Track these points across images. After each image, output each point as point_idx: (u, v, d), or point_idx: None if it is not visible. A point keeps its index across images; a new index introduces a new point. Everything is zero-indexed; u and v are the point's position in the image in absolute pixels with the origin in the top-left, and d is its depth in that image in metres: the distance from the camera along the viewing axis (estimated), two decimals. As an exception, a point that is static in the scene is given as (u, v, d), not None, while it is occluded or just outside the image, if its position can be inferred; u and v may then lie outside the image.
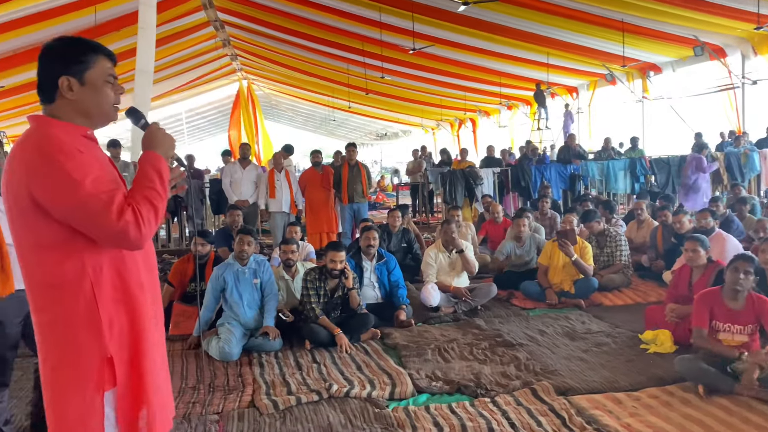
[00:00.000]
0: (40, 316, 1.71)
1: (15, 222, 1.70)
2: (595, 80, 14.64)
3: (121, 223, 1.61)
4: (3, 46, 10.71)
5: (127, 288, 1.75)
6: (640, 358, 4.02)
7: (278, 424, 3.26)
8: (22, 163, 1.64)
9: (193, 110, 27.13)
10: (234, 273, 4.69)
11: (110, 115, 1.83)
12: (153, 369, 1.80)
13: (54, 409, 1.72)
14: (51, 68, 1.73)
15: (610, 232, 6.30)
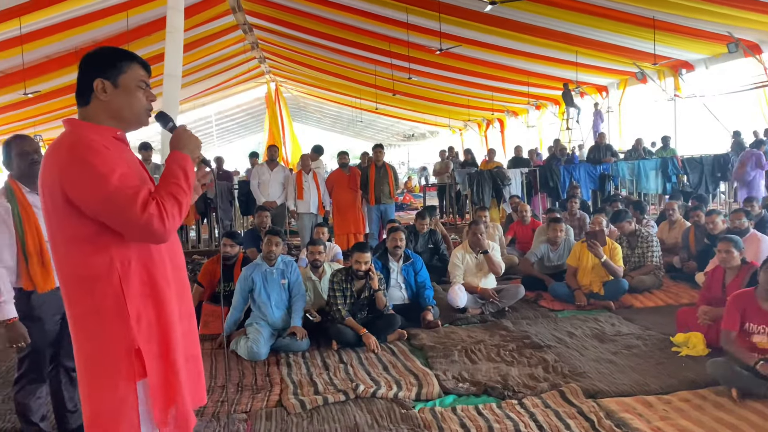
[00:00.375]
0: (73, 308, 1.79)
1: (50, 218, 1.78)
2: (626, 79, 14.40)
3: (146, 215, 1.68)
4: (39, 52, 11.01)
5: (155, 283, 1.82)
6: (671, 361, 3.95)
7: (305, 423, 3.29)
8: (55, 163, 1.73)
9: (222, 113, 27.51)
10: (262, 273, 4.75)
11: (141, 119, 1.91)
12: (180, 360, 1.86)
13: (90, 400, 1.79)
14: (88, 72, 1.82)
15: (641, 232, 6.20)
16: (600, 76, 14.86)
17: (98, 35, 11.30)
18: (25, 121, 15.68)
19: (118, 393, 1.75)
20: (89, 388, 1.79)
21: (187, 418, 1.86)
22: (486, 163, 11.95)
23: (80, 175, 1.68)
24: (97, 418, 1.78)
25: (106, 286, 1.74)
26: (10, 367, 4.45)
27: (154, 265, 1.82)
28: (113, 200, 1.68)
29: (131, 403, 1.76)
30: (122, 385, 1.75)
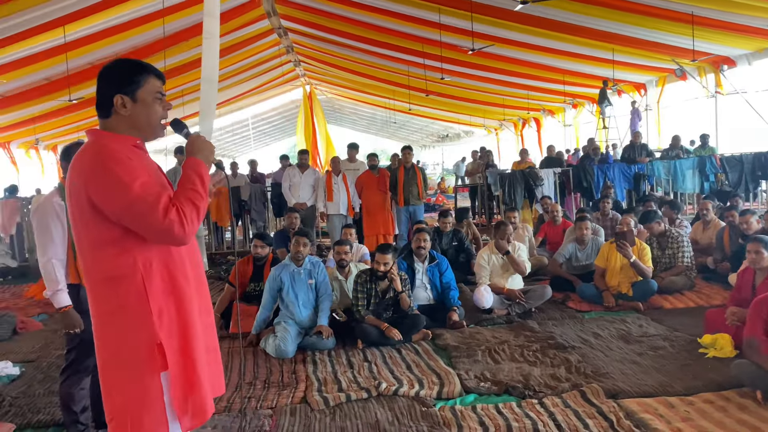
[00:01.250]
0: (99, 306, 1.91)
1: (76, 223, 1.90)
2: (664, 76, 14.09)
3: (167, 221, 1.79)
4: (82, 59, 11.43)
5: (175, 281, 1.92)
6: (697, 363, 3.90)
7: (328, 420, 3.37)
8: (81, 172, 1.85)
9: (258, 116, 27.94)
10: (290, 274, 4.87)
11: (157, 130, 2.02)
12: (199, 353, 1.96)
13: (115, 392, 1.90)
14: (107, 88, 1.93)
15: (671, 233, 6.10)
16: (637, 73, 14.56)
17: (137, 42, 11.67)
18: (69, 126, 16.25)
19: (143, 385, 1.86)
20: (114, 381, 1.90)
21: (205, 407, 1.96)
22: (518, 164, 11.87)
23: (104, 183, 1.80)
24: (123, 409, 1.88)
25: (130, 285, 1.85)
26: (50, 364, 4.69)
27: (174, 265, 1.93)
28: (136, 207, 1.79)
29: (155, 394, 1.87)
30: (146, 377, 1.86)
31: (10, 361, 4.63)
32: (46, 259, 2.94)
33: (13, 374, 4.45)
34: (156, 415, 1.87)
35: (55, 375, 4.38)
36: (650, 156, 10.86)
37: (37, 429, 3.51)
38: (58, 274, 2.93)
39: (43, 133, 16.53)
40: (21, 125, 14.78)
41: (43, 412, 3.67)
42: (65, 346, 3.14)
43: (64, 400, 3.10)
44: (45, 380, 4.29)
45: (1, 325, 5.54)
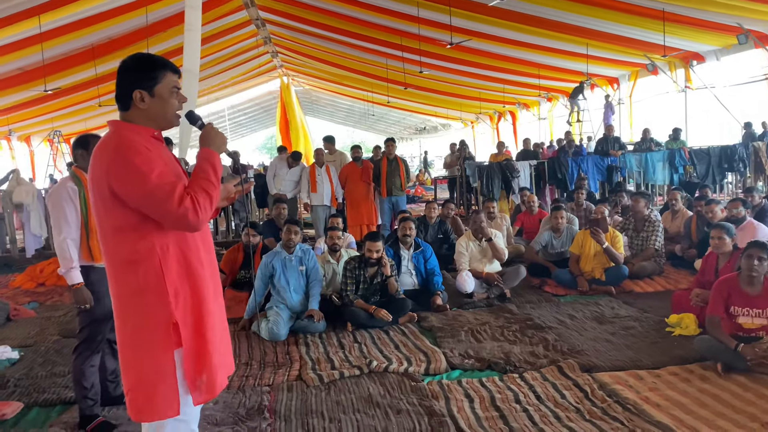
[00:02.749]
0: (119, 288, 2.06)
1: (98, 210, 2.05)
2: (637, 70, 14.50)
3: (181, 209, 1.94)
4: (58, 49, 11.36)
5: (190, 264, 2.08)
6: (664, 340, 4.22)
7: (323, 394, 3.60)
8: (102, 161, 1.99)
9: (235, 107, 27.88)
10: (282, 260, 5.06)
11: (173, 122, 2.17)
12: (213, 333, 2.12)
13: (132, 366, 2.06)
14: (127, 82, 2.07)
15: (651, 217, 6.45)
16: (611, 68, 14.96)
17: (116, 32, 11.63)
18: (45, 116, 16.09)
19: (158, 360, 2.02)
20: (132, 356, 2.05)
21: (215, 383, 2.12)
22: (495, 156, 12.16)
23: (124, 172, 1.94)
24: (139, 383, 2.04)
25: (149, 268, 2.01)
26: (48, 348, 4.82)
27: (189, 249, 2.09)
28: (153, 195, 1.94)
29: (169, 369, 2.03)
30: (161, 353, 2.02)
31: (9, 346, 4.75)
32: (61, 238, 3.14)
33: (13, 358, 4.57)
34: (169, 388, 2.02)
35: (55, 358, 4.54)
36: (623, 149, 11.24)
37: (44, 408, 3.65)
38: (71, 253, 3.13)
39: (17, 124, 16.34)
40: (-7, 115, 14.61)
41: (48, 392, 3.82)
42: (78, 326, 3.31)
43: (75, 375, 3.28)
44: (45, 363, 4.43)
45: (-5, 313, 5.64)
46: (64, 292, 7.07)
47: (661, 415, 3.05)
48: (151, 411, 2.02)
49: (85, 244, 3.20)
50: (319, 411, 3.36)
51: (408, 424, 3.13)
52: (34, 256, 9.46)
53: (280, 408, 3.41)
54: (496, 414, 3.22)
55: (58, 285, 7.52)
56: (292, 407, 3.42)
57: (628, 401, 3.23)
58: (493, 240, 5.82)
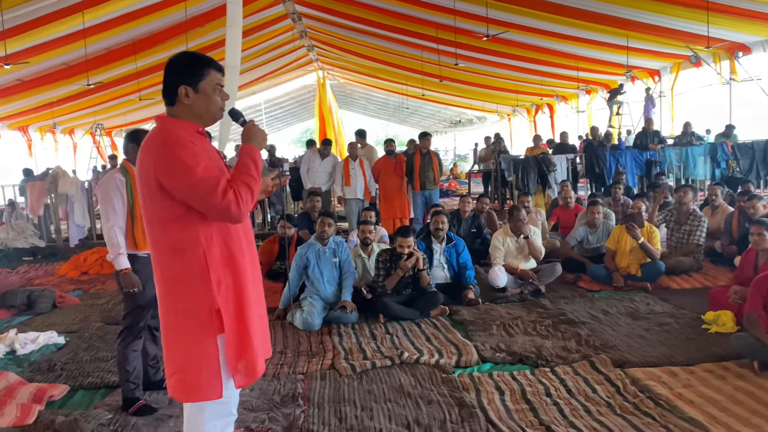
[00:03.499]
0: (165, 274, 2.15)
1: (145, 200, 2.15)
2: (679, 62, 14.12)
3: (225, 201, 2.02)
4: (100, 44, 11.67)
5: (232, 254, 2.17)
6: (700, 337, 4.16)
7: (356, 383, 3.67)
8: (150, 155, 2.09)
9: (271, 101, 28.18)
10: (316, 252, 5.15)
11: (216, 117, 2.25)
12: (252, 319, 2.21)
13: (176, 350, 2.15)
14: (173, 78, 2.16)
15: (695, 212, 6.34)
16: (652, 60, 14.59)
17: (156, 26, 11.89)
18: (88, 109, 16.55)
19: (202, 345, 2.12)
20: (176, 341, 2.15)
21: (255, 368, 2.20)
22: (531, 150, 12.04)
23: (171, 166, 2.04)
24: (183, 366, 2.14)
25: (193, 256, 2.10)
26: (92, 334, 5.01)
27: (231, 240, 2.18)
28: (198, 188, 2.02)
29: (212, 354, 2.12)
30: (204, 338, 2.11)
31: (55, 332, 4.96)
32: (109, 226, 3.30)
33: (59, 343, 4.78)
34: (212, 372, 2.12)
35: (98, 344, 4.72)
36: (662, 143, 11.00)
37: (89, 390, 3.81)
38: (119, 240, 3.29)
39: (61, 117, 16.84)
40: (39, 109, 15.08)
41: (92, 376, 3.98)
42: (123, 312, 3.46)
43: (119, 359, 3.42)
44: (89, 348, 4.61)
45: (43, 300, 5.88)
46: (106, 280, 7.32)
47: (694, 412, 3.02)
48: (194, 392, 2.12)
49: (130, 234, 3.34)
50: (351, 399, 3.43)
51: (438, 415, 3.17)
52: (77, 245, 9.81)
53: (313, 396, 3.50)
54: (527, 407, 3.23)
55: (101, 274, 7.79)
56: (325, 395, 3.50)
57: (661, 397, 3.20)
58: (530, 237, 5.79)
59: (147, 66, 13.14)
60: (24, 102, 14.01)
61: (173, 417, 3.29)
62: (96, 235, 10.33)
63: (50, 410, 3.46)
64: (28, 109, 14.76)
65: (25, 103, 14.11)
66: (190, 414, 2.21)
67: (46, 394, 3.63)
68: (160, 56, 12.90)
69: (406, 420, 3.14)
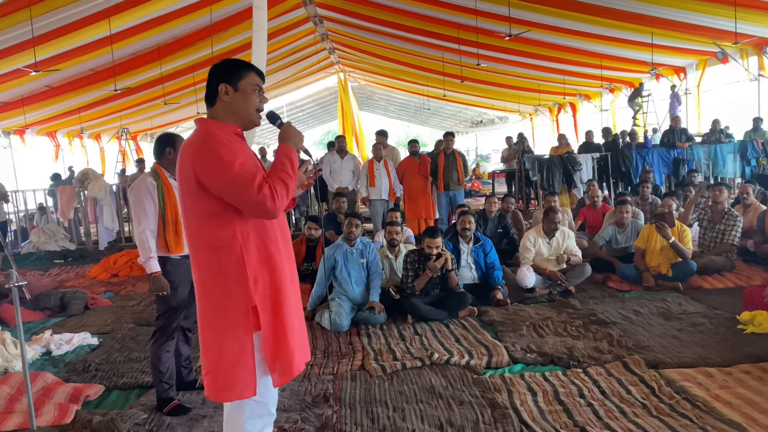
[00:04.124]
0: (201, 272, 2.19)
1: (184, 198, 2.20)
2: (705, 59, 13.87)
3: (260, 195, 2.05)
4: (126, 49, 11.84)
5: (268, 251, 2.19)
6: (735, 338, 4.08)
7: (386, 384, 3.67)
8: (189, 153, 2.14)
9: (293, 103, 28.33)
10: (343, 253, 5.17)
11: (254, 118, 2.29)
12: (289, 317, 2.22)
13: (213, 348, 2.18)
14: (214, 79, 2.24)
15: (730, 210, 6.25)
16: (677, 57, 14.35)
17: (180, 31, 12.03)
18: (113, 115, 16.81)
19: (239, 342, 2.14)
20: (213, 338, 2.18)
21: (292, 367, 2.21)
22: (556, 149, 11.95)
23: (209, 162, 2.08)
24: (219, 363, 2.16)
25: (230, 253, 2.13)
26: (124, 335, 5.09)
27: (268, 237, 2.20)
28: (235, 183, 2.06)
29: (249, 351, 2.14)
30: (241, 335, 2.14)
31: (88, 333, 5.05)
32: (140, 230, 3.34)
33: (93, 344, 4.86)
34: (247, 370, 2.14)
35: (131, 345, 4.79)
36: (690, 140, 10.83)
37: (123, 391, 3.87)
38: (150, 243, 3.33)
39: (88, 122, 17.13)
40: (67, 115, 15.35)
41: (126, 376, 4.04)
42: (155, 313, 3.51)
43: (152, 360, 3.47)
44: (122, 349, 4.68)
45: (75, 301, 5.99)
46: (136, 282, 7.43)
47: (732, 413, 2.97)
48: (230, 391, 2.14)
49: (161, 237, 3.38)
50: (382, 400, 3.43)
51: (471, 415, 3.16)
52: (106, 248, 9.97)
53: (344, 396, 3.51)
54: (560, 408, 3.20)
55: (130, 276, 7.91)
56: (356, 396, 3.51)
57: (698, 398, 3.15)
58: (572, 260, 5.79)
59: (172, 71, 13.32)
60: (52, 108, 14.28)
61: (207, 417, 3.32)
62: (124, 237, 10.50)
63: (87, 410, 3.52)
64: (56, 114, 15.03)
65: (53, 109, 14.38)
66: (229, 413, 2.24)
67: (82, 394, 3.70)
68: (184, 60, 13.08)
69: (438, 421, 3.13)
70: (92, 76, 12.78)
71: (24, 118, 13.44)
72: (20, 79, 10.80)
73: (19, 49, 9.38)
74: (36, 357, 4.57)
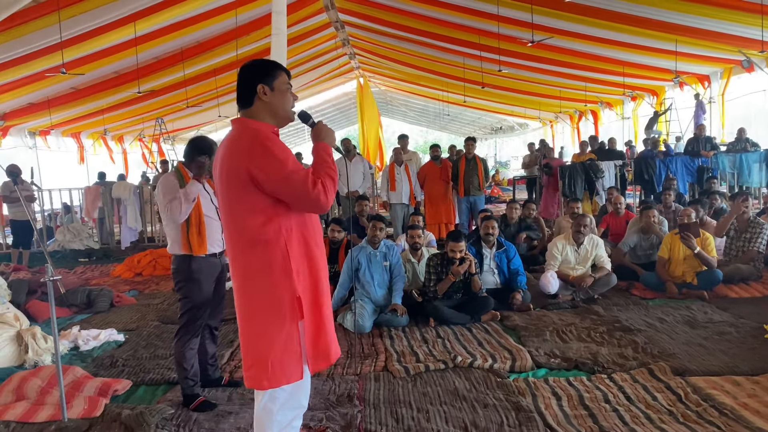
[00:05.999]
0: (246, 265, 2.26)
1: (228, 197, 2.25)
2: (730, 67, 13.73)
3: (316, 191, 2.15)
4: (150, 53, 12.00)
5: (308, 245, 2.29)
6: (763, 347, 4.04)
7: (410, 386, 3.68)
8: (240, 151, 2.19)
9: (313, 108, 28.46)
10: (367, 255, 5.20)
11: (289, 117, 2.38)
12: (327, 307, 2.33)
13: (259, 340, 2.25)
14: (251, 79, 2.30)
15: (755, 219, 6.20)
16: (702, 65, 14.21)
17: (203, 35, 12.18)
18: (135, 117, 17.05)
19: (285, 331, 2.23)
20: (259, 329, 2.25)
21: (330, 353, 2.33)
22: (578, 156, 11.88)
23: (265, 159, 2.16)
24: (266, 353, 2.22)
25: (276, 247, 2.21)
26: (149, 333, 5.16)
27: (308, 232, 2.30)
28: (290, 179, 2.14)
29: (296, 339, 2.24)
30: (288, 325, 2.23)
31: (114, 329, 5.13)
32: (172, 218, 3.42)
33: (120, 340, 4.94)
34: (295, 357, 2.24)
35: (156, 342, 4.86)
36: (715, 149, 10.72)
37: (150, 386, 3.93)
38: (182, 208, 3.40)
39: (112, 124, 17.39)
40: (91, 116, 15.59)
41: (153, 372, 4.10)
42: (179, 311, 3.56)
43: (177, 357, 3.52)
44: (148, 346, 4.75)
45: (102, 299, 6.09)
46: (160, 281, 7.53)
47: (761, 422, 2.94)
48: (278, 378, 2.23)
49: (184, 237, 3.42)
50: (406, 401, 3.44)
51: (496, 418, 3.16)
52: (128, 248, 10.10)
53: (368, 396, 3.53)
54: (585, 413, 3.19)
55: (154, 275, 8.02)
56: (380, 396, 3.53)
57: (725, 406, 3.13)
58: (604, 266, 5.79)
59: (194, 74, 13.49)
60: (77, 109, 14.51)
61: (233, 413, 3.36)
62: (147, 238, 10.63)
63: (115, 404, 3.58)
64: (81, 116, 15.28)
65: (78, 110, 14.61)
66: (262, 403, 2.31)
67: (111, 389, 3.76)
68: (207, 64, 13.23)
69: (463, 422, 3.14)
70: (116, 79, 12.98)
71: (50, 118, 13.68)
72: (47, 80, 10.99)
73: (47, 52, 9.55)
74: (65, 352, 4.65)
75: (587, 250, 5.81)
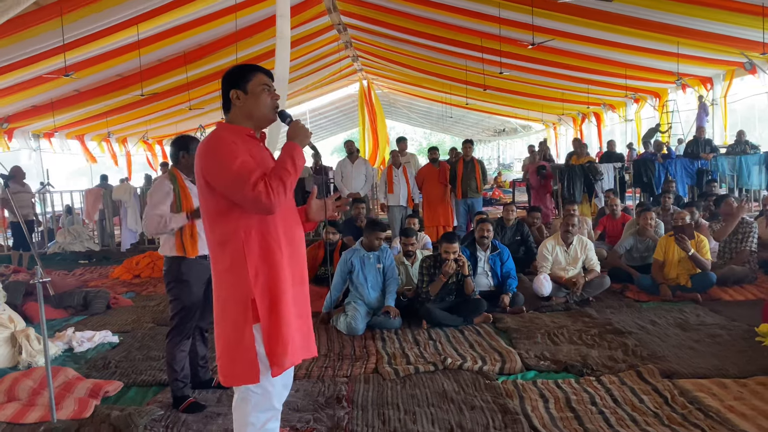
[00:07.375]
0: (215, 266, 2.34)
1: (200, 198, 2.35)
2: (732, 69, 13.69)
3: (255, 192, 2.16)
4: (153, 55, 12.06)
5: (269, 249, 2.28)
6: (753, 350, 4.03)
7: (399, 387, 3.70)
8: (199, 155, 2.29)
9: (316, 110, 28.57)
10: (360, 258, 5.21)
11: (268, 115, 2.41)
12: (288, 313, 2.29)
13: (221, 336, 2.31)
14: (226, 86, 2.37)
15: (745, 219, 6.19)
16: (704, 67, 14.18)
17: (205, 38, 12.24)
18: (139, 119, 17.12)
19: (238, 331, 2.25)
20: (221, 327, 2.31)
21: (284, 359, 2.26)
22: (577, 159, 11.87)
23: (212, 163, 2.22)
24: (225, 350, 2.29)
25: (234, 248, 2.25)
26: (144, 334, 5.19)
27: (270, 236, 2.29)
28: (234, 181, 2.18)
29: (248, 340, 2.24)
30: (241, 325, 2.25)
31: (109, 331, 5.16)
32: (154, 213, 3.43)
33: (114, 342, 4.98)
34: (248, 358, 2.25)
35: (150, 344, 4.89)
36: (714, 151, 10.69)
37: (141, 387, 3.96)
38: (168, 220, 3.41)
39: (115, 126, 17.48)
40: (94, 118, 15.67)
41: (145, 374, 4.13)
42: (170, 313, 3.58)
43: (168, 359, 3.55)
44: (142, 348, 4.78)
45: (98, 300, 6.13)
46: (157, 283, 7.56)
47: (746, 425, 2.94)
48: (234, 376, 2.28)
49: (178, 239, 3.46)
50: (394, 403, 3.46)
51: (482, 420, 3.17)
52: (128, 249, 10.15)
53: (357, 398, 3.54)
54: (571, 415, 3.20)
55: (152, 277, 8.06)
56: (368, 398, 3.54)
57: (711, 409, 3.13)
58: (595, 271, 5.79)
59: (197, 76, 13.54)
60: (80, 111, 14.58)
61: (221, 415, 3.38)
62: (147, 240, 10.68)
63: (106, 405, 3.61)
64: (84, 118, 15.35)
65: (81, 112, 14.68)
66: (235, 404, 2.36)
67: (101, 390, 3.79)
68: (209, 66, 13.28)
69: (449, 424, 3.15)
70: (119, 81, 13.04)
71: (53, 121, 13.75)
72: (50, 83, 11.06)
73: (49, 55, 9.62)
74: (58, 353, 4.69)
75: (576, 251, 5.81)
